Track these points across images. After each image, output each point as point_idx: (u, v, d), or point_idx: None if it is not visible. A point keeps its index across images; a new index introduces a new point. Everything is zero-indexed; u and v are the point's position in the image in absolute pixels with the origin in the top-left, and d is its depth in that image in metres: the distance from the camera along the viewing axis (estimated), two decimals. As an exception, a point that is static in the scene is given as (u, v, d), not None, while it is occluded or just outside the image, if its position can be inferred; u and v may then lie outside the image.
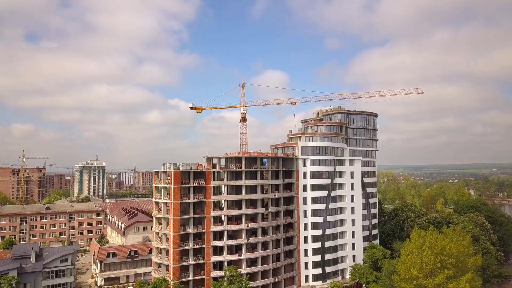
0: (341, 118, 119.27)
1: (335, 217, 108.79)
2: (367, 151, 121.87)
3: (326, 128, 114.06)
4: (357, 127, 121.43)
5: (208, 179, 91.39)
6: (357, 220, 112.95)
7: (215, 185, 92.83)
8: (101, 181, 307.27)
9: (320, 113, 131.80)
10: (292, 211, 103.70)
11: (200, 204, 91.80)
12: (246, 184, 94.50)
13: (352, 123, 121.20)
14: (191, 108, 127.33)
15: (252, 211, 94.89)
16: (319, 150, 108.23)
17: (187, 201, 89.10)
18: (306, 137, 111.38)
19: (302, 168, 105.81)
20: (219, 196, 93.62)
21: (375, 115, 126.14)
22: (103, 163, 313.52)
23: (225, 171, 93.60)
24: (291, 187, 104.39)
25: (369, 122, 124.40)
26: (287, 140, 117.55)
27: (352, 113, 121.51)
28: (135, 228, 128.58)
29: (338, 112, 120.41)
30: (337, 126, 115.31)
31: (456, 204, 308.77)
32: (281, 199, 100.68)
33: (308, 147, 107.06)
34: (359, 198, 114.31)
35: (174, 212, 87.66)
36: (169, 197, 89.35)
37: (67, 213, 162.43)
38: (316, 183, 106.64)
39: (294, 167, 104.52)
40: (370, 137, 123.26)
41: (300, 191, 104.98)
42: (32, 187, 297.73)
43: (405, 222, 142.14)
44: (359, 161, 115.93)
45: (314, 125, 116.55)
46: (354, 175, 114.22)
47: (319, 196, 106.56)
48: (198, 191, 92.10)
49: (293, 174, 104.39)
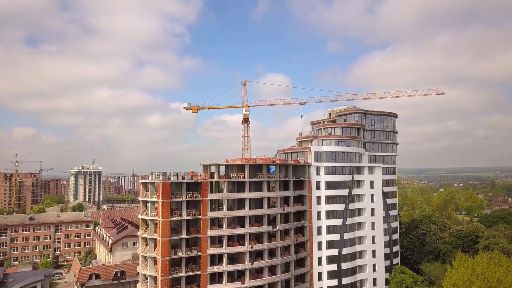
0: (358, 119, 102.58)
1: (353, 234, 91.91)
2: (386, 156, 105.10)
3: (342, 131, 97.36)
4: (375, 129, 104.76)
5: (205, 192, 74.76)
6: (378, 237, 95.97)
7: (213, 199, 76.26)
8: (97, 186, 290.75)
9: (333, 114, 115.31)
10: (304, 228, 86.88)
11: (195, 221, 75.24)
12: (250, 197, 77.86)
13: (370, 125, 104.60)
14: (186, 107, 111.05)
15: (257, 229, 78.17)
16: (335, 156, 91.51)
17: (179, 218, 72.46)
18: (319, 141, 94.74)
19: (315, 177, 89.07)
20: (217, 212, 76.97)
21: (395, 115, 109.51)
22: (100, 167, 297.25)
23: (225, 182, 77.03)
24: (302, 199, 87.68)
25: (389, 123, 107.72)
26: (297, 144, 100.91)
27: (369, 114, 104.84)
28: (123, 243, 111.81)
29: (354, 112, 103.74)
30: (353, 128, 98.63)
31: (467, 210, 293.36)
32: (291, 214, 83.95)
33: (322, 152, 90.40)
34: (380, 211, 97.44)
35: (163, 232, 70.97)
36: (157, 213, 72.80)
37: (53, 224, 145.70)
38: (332, 195, 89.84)
39: (306, 176, 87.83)
40: (389, 141, 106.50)
41: (313, 204, 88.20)
42: (25, 193, 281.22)
43: (427, 236, 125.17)
44: (379, 168, 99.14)
45: (327, 127, 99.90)
46: (375, 185, 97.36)
47: (335, 210, 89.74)
48: (192, 206, 75.60)
49: (304, 184, 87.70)
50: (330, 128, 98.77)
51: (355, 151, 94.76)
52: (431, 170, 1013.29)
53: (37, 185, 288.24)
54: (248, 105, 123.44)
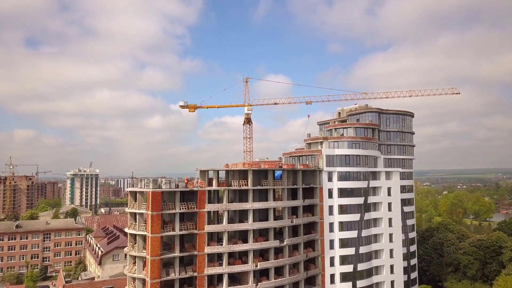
0: (372, 118, 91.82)
1: (369, 248, 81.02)
2: (403, 160, 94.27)
3: (355, 131, 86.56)
4: (391, 130, 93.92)
5: (201, 202, 63.90)
6: (397, 250, 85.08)
7: (211, 210, 65.48)
8: (94, 190, 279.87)
9: (343, 113, 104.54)
10: (315, 241, 75.99)
11: (190, 236, 64.49)
12: (254, 208, 67.03)
13: (385, 125, 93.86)
14: (182, 106, 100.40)
15: (262, 245, 67.28)
16: (349, 159, 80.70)
17: (172, 233, 61.61)
18: (330, 143, 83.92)
19: (327, 183, 78.21)
20: (216, 225, 66.07)
21: (412, 114, 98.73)
22: (97, 170, 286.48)
23: (225, 190, 66.19)
24: (313, 209, 76.82)
25: (405, 123, 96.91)
26: (305, 146, 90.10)
27: (384, 113, 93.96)
28: (114, 255, 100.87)
29: (368, 111, 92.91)
30: (368, 129, 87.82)
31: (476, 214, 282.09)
32: (300, 226, 73.08)
33: (334, 156, 79.56)
34: (398, 221, 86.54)
35: (152, 250, 60.07)
36: (146, 227, 61.98)
37: (41, 232, 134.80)
38: (346, 204, 79.05)
39: (317, 183, 76.98)
40: (406, 143, 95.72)
41: (324, 215, 77.33)
42: (20, 197, 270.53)
43: (444, 245, 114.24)
44: (397, 173, 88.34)
45: (338, 128, 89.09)
46: (392, 192, 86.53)
47: (350, 221, 78.84)
48: (187, 218, 64.90)
49: (315, 192, 76.87)
50: (342, 128, 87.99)
51: (370, 154, 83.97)
52: (432, 172, 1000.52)
53: (32, 188, 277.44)
54: (250, 104, 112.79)
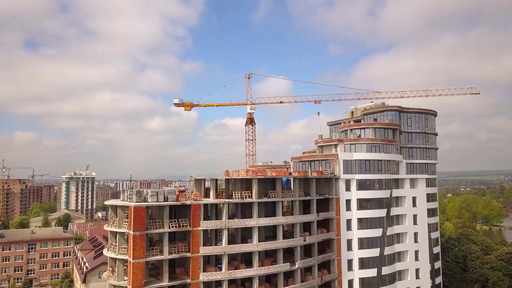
0: (392, 118, 79.81)
1: (392, 268, 68.81)
2: (426, 165, 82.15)
3: (374, 132, 74.50)
4: (412, 131, 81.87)
5: (196, 218, 51.73)
6: (423, 270, 72.82)
7: (207, 229, 53.38)
8: (91, 193, 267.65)
9: (356, 112, 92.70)
10: (331, 262, 63.74)
11: (183, 260, 52.37)
12: (260, 224, 54.94)
13: (406, 125, 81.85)
14: (176, 104, 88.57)
15: (269, 269, 55.05)
16: (369, 165, 68.56)
17: (159, 257, 49.49)
18: (346, 145, 71.78)
19: (344, 193, 66.05)
20: (213, 247, 53.77)
21: (435, 113, 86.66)
22: (93, 173, 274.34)
23: (224, 205, 54.04)
24: (328, 224, 64.61)
25: (428, 123, 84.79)
26: (317, 150, 77.88)
27: (405, 111, 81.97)
28: (100, 272, 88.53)
29: (387, 110, 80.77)
30: (388, 129, 75.74)
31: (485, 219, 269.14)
32: (314, 245, 60.90)
33: (353, 161, 67.42)
34: (425, 236, 74.34)
35: (134, 279, 47.90)
36: (128, 250, 49.89)
37: (25, 242, 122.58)
38: (366, 217, 66.87)
39: (332, 193, 64.80)
40: (430, 145, 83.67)
41: (342, 230, 65.12)
42: (13, 201, 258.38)
43: (468, 259, 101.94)
44: (423, 181, 76.30)
45: (355, 128, 76.93)
46: (418, 202, 74.40)
47: (371, 237, 66.69)
48: (179, 237, 52.95)
49: (331, 204, 64.72)
50: (359, 129, 75.83)
51: (392, 158, 71.88)
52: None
53: (26, 192, 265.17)
54: (253, 103, 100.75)
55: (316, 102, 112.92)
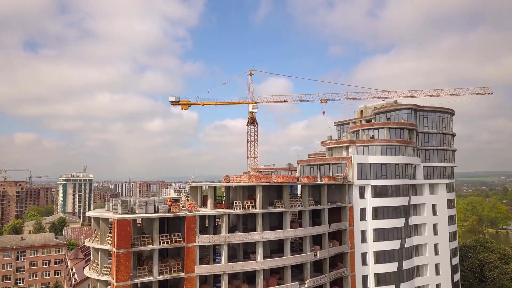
0: (407, 117, 72.44)
1: (411, 284, 61.24)
2: (444, 168, 74.78)
3: (389, 133, 67.13)
4: (429, 131, 74.46)
5: (190, 233, 44.31)
6: (445, 284, 65.33)
7: (203, 245, 45.87)
8: (88, 196, 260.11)
9: (366, 111, 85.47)
10: (344, 278, 56.28)
11: (176, 282, 44.93)
12: (265, 239, 47.53)
13: (422, 125, 74.48)
14: (172, 102, 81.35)
15: (275, 290, 47.71)
16: (385, 169, 61.13)
17: (148, 279, 42.09)
18: (359, 148, 64.40)
19: (358, 201, 58.60)
20: (211, 265, 46.19)
21: (452, 112, 79.31)
22: (91, 175, 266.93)
23: (224, 216, 46.56)
24: (341, 236, 57.18)
25: (446, 123, 77.45)
26: (326, 152, 70.35)
27: (421, 110, 74.63)
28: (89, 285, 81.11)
29: (403, 108, 73.28)
30: (404, 130, 68.35)
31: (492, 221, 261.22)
32: (325, 260, 53.46)
33: (367, 164, 59.98)
34: (446, 247, 66.87)
35: (118, 305, 40.57)
36: (110, 270, 42.48)
37: (14, 250, 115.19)
38: (383, 227, 59.40)
39: (345, 201, 57.36)
40: (447, 147, 76.29)
41: (356, 243, 57.64)
42: (9, 204, 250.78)
43: (486, 269, 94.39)
44: (443, 187, 68.95)
45: (367, 128, 69.52)
46: (438, 210, 66.94)
47: (388, 250, 59.22)
48: (172, 253, 45.65)
49: (343, 213, 57.28)
50: (373, 129, 68.42)
51: (410, 162, 64.51)
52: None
53: (22, 194, 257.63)
54: (255, 101, 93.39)
55: (322, 101, 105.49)
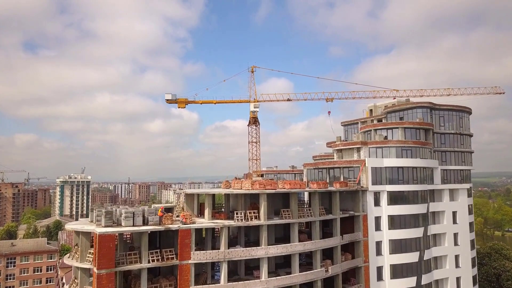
0: (422, 116, 66.36)
1: (431, 300, 55.29)
2: (462, 171, 68.69)
3: (404, 133, 61.05)
4: (446, 132, 68.43)
5: (184, 248, 38.17)
6: (466, 300, 59.37)
7: (199, 262, 39.69)
8: (86, 198, 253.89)
9: (376, 110, 79.50)
10: (357, 296, 50.22)
11: (167, 304, 38.80)
12: (270, 255, 41.39)
13: (438, 125, 68.39)
14: (168, 100, 75.46)
15: (282, 312, 41.57)
16: (402, 173, 55.02)
17: (134, 303, 36.01)
18: (371, 149, 58.34)
19: (373, 209, 52.46)
20: (208, 286, 40.09)
21: (469, 111, 73.21)
22: (89, 177, 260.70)
23: (223, 229, 40.38)
24: (354, 248, 51.06)
25: (463, 123, 71.38)
26: (336, 154, 64.18)
27: (437, 109, 68.58)
28: (80, 297, 74.95)
29: (418, 107, 67.14)
30: (420, 130, 62.28)
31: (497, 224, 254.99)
32: (337, 276, 47.31)
33: (382, 168, 53.87)
34: (467, 259, 60.71)
35: (100, 334, 34.45)
36: (92, 292, 36.38)
37: (3, 257, 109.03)
38: (400, 238, 53.23)
39: (359, 209, 51.22)
40: (465, 148, 70.19)
41: (370, 256, 51.52)
42: (5, 206, 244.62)
43: (503, 278, 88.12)
44: (464, 192, 62.81)
45: (380, 128, 63.43)
46: (459, 218, 60.74)
47: (405, 264, 53.07)
48: (164, 272, 39.43)
49: (356, 223, 51.13)
50: (386, 129, 62.32)
51: (428, 165, 58.40)
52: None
53: (18, 196, 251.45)
54: (257, 100, 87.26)
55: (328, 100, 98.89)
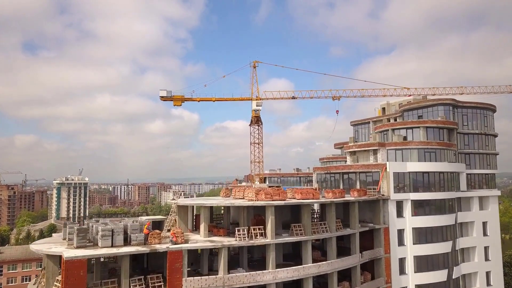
0: (444, 114, 59.17)
1: (460, 324, 48.08)
2: (487, 176, 61.44)
3: (426, 133, 53.85)
4: (469, 132, 61.25)
5: (175, 275, 30.94)
6: (498, 322, 52.13)
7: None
8: (83, 200, 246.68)
9: (389, 109, 72.66)
10: (379, 323, 43.01)
11: None
12: (279, 280, 34.18)
13: (461, 124, 61.21)
14: (163, 98, 68.35)
15: None
16: (428, 179, 47.78)
17: None
18: (390, 152, 51.14)
19: (395, 221, 45.26)
20: (204, 321, 33.05)
21: (494, 109, 65.89)
22: (86, 178, 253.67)
23: (222, 250, 33.17)
24: (374, 267, 43.81)
25: (487, 122, 64.11)
26: (348, 157, 56.96)
27: (461, 106, 61.39)
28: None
29: (439, 104, 59.92)
30: (443, 130, 55.10)
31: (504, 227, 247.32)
32: (357, 301, 40.15)
33: (406, 173, 46.63)
34: (499, 275, 53.47)
35: None
36: (59, 330, 29.17)
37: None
38: (426, 254, 46.01)
39: (379, 221, 43.99)
40: (489, 150, 62.95)
41: (393, 275, 44.27)
42: (0, 208, 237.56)
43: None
44: (495, 199, 55.54)
45: (399, 128, 56.21)
46: (489, 229, 53.45)
47: (433, 283, 45.81)
48: (149, 301, 32.10)
49: (377, 237, 43.88)
50: (405, 129, 55.09)
51: (455, 169, 51.19)
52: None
53: (14, 198, 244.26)
54: (260, 97, 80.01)
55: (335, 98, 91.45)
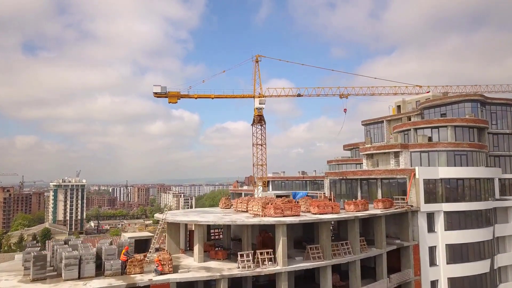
0: (471, 111, 52.28)
1: None
2: (517, 180, 54.54)
3: (454, 133, 46.92)
4: (499, 132, 54.44)
5: (161, 314, 24.14)
6: None
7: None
8: (80, 202, 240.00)
9: (405, 107, 65.87)
10: None
11: None
12: (293, 318, 27.32)
13: (490, 123, 54.30)
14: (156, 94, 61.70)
15: None
16: (462, 187, 40.87)
17: None
18: (413, 154, 44.24)
19: (426, 236, 38.31)
20: None
21: (523, 107, 59.03)
22: (83, 180, 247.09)
23: (221, 281, 26.24)
24: (403, 292, 36.95)
25: (516, 120, 57.38)
26: (365, 161, 49.97)
27: (490, 103, 54.56)
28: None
29: (466, 101, 53.00)
30: (472, 129, 48.18)
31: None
32: (385, 336, 33.26)
33: (437, 180, 39.68)
34: (540, 296, 46.63)
35: None
36: None
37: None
38: (462, 276, 39.10)
39: (408, 237, 37.05)
40: (519, 151, 56.03)
41: (424, 301, 37.41)
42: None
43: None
44: (533, 209, 48.55)
45: (422, 127, 49.26)
46: (528, 243, 46.66)
47: (470, 310, 39.01)
48: None
49: (405, 256, 36.90)
50: (431, 128, 48.13)
51: (491, 175, 44.24)
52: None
53: (10, 201, 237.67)
54: (263, 94, 73.27)
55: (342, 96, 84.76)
